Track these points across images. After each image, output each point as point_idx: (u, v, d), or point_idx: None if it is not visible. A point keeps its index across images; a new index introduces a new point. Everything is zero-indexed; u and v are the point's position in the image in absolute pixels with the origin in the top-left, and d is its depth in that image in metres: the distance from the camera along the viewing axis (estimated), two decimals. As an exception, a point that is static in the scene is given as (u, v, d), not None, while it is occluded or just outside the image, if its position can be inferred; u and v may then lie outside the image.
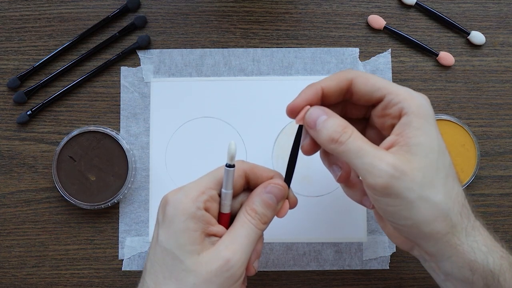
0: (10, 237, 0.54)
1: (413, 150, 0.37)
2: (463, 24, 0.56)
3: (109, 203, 0.53)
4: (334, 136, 0.38)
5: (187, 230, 0.37)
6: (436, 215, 0.36)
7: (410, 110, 0.37)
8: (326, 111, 0.39)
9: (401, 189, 0.36)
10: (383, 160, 0.36)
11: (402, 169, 0.36)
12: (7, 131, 0.55)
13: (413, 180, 0.36)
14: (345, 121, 0.39)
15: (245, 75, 0.56)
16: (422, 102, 0.38)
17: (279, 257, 0.54)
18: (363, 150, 0.37)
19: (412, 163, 0.36)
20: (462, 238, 0.37)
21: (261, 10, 0.56)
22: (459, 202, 0.38)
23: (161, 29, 0.56)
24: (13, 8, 0.56)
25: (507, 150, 0.55)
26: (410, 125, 0.37)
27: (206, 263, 0.37)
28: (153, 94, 0.55)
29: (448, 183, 0.37)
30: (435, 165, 0.37)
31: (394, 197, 0.36)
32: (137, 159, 0.55)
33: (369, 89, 0.39)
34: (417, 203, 0.36)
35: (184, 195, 0.38)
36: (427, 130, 0.37)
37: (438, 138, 0.38)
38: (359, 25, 0.56)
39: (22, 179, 0.55)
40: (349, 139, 0.37)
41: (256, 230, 0.39)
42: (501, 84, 0.56)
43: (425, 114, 0.38)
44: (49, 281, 0.54)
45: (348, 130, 0.38)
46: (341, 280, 0.54)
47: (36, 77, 0.56)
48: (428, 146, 0.37)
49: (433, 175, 0.37)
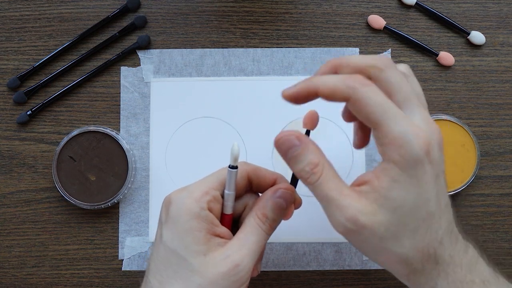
0: (10, 237, 0.54)
1: (382, 201, 0.35)
2: (463, 24, 0.56)
3: (109, 203, 0.53)
4: (303, 176, 0.37)
5: (192, 230, 0.37)
6: (395, 261, 0.36)
7: (391, 158, 0.34)
8: (302, 140, 0.37)
9: (359, 239, 0.36)
10: (345, 213, 0.35)
11: (362, 223, 0.34)
12: (7, 131, 0.55)
13: (373, 234, 0.35)
14: (318, 156, 0.37)
15: (245, 75, 0.56)
16: (413, 149, 0.34)
17: (279, 257, 0.54)
18: (327, 197, 0.35)
19: (377, 216, 0.35)
20: (421, 280, 0.37)
21: (261, 10, 0.56)
22: (426, 253, 0.36)
23: (161, 29, 0.56)
24: (13, 8, 0.56)
25: (507, 150, 0.55)
26: (387, 174, 0.35)
27: (214, 265, 0.37)
28: (153, 94, 0.55)
29: (416, 236, 0.35)
30: (402, 220, 0.35)
31: (354, 242, 0.37)
32: (137, 159, 0.55)
33: (363, 116, 0.35)
34: (375, 250, 0.36)
35: (187, 195, 0.38)
36: (405, 184, 0.34)
37: (421, 191, 0.35)
38: (359, 25, 0.56)
39: (22, 179, 0.55)
40: (316, 182, 0.36)
41: (265, 235, 0.40)
42: (501, 84, 0.56)
43: (409, 166, 0.34)
44: (49, 281, 0.54)
45: (318, 171, 0.36)
46: (341, 280, 0.54)
47: (36, 77, 0.56)
48: (399, 202, 0.35)
49: (398, 229, 0.35)
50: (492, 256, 0.54)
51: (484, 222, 0.54)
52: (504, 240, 0.54)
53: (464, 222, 0.54)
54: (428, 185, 0.35)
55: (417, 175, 0.34)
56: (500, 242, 0.54)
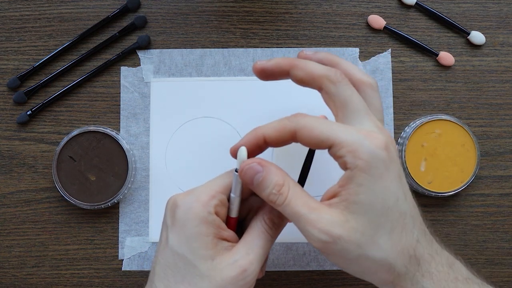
0: (10, 237, 0.54)
1: (351, 208, 0.36)
2: (463, 24, 0.56)
3: (109, 203, 0.53)
4: (271, 198, 0.37)
5: (200, 235, 0.37)
6: (377, 269, 0.36)
7: (354, 164, 0.35)
8: (263, 164, 0.38)
9: (337, 251, 0.36)
10: (316, 227, 0.35)
11: (336, 234, 0.35)
12: (7, 131, 0.55)
13: (349, 241, 0.35)
14: (282, 177, 0.38)
15: (245, 75, 0.56)
16: (369, 154, 0.35)
17: (279, 257, 0.54)
18: (297, 214, 0.36)
19: (349, 222, 0.35)
20: (407, 285, 0.37)
21: (261, 10, 0.56)
22: (406, 255, 0.36)
23: (161, 29, 0.56)
24: (13, 8, 0.56)
25: (507, 150, 0.55)
26: (352, 181, 0.36)
27: (222, 270, 0.37)
28: (153, 94, 0.55)
29: (393, 237, 0.36)
30: (376, 222, 0.36)
31: (333, 255, 0.37)
32: (137, 159, 0.55)
33: (314, 141, 0.37)
34: (356, 261, 0.36)
35: (195, 199, 0.38)
36: (370, 186, 0.35)
37: (385, 193, 0.36)
38: (359, 25, 0.56)
39: (22, 179, 0.55)
40: (284, 202, 0.37)
41: (271, 240, 0.40)
42: (501, 84, 0.56)
43: (370, 168, 0.35)
44: (49, 281, 0.54)
45: (284, 190, 0.37)
46: (341, 280, 0.54)
47: (36, 77, 0.56)
48: (368, 204, 0.35)
49: (374, 232, 0.36)
50: (492, 256, 0.54)
51: (484, 222, 0.54)
52: (504, 240, 0.54)
53: (464, 222, 0.54)
54: (394, 183, 0.36)
55: (382, 175, 0.36)
56: (500, 242, 0.54)
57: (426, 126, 0.53)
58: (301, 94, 0.55)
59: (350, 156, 0.35)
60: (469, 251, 0.54)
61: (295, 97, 0.55)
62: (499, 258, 0.54)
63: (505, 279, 0.54)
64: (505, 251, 0.54)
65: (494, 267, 0.54)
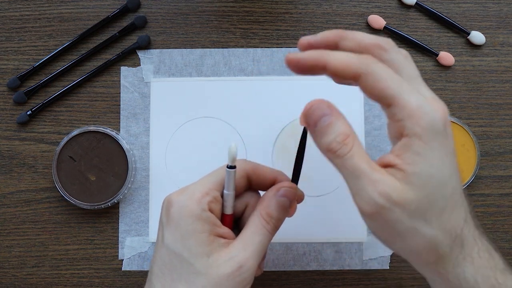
0: (10, 237, 0.54)
1: (409, 179, 0.33)
2: (463, 24, 0.56)
3: (109, 203, 0.53)
4: (333, 147, 0.34)
5: (195, 232, 0.37)
6: (422, 247, 0.35)
7: (411, 131, 0.33)
8: (332, 109, 0.35)
9: (390, 219, 0.34)
10: (377, 188, 0.33)
11: (394, 200, 0.33)
12: (7, 131, 0.55)
13: (404, 212, 0.33)
14: (349, 128, 0.35)
15: (245, 75, 0.56)
16: (430, 121, 0.33)
17: (279, 257, 0.54)
18: (358, 171, 0.34)
19: (406, 193, 0.33)
20: (448, 268, 0.35)
21: (261, 10, 0.56)
22: (453, 234, 0.35)
23: (161, 29, 0.56)
24: (13, 8, 0.56)
25: (507, 150, 0.55)
26: (409, 149, 0.33)
27: (218, 267, 0.37)
28: (153, 94, 0.55)
29: (444, 216, 0.34)
30: (432, 197, 0.34)
31: (382, 224, 0.34)
32: (137, 159, 0.55)
33: (376, 93, 0.34)
34: (405, 234, 0.34)
35: (188, 196, 0.38)
36: (428, 157, 0.33)
37: (443, 165, 0.34)
38: (359, 25, 0.56)
39: (22, 179, 0.55)
40: (347, 154, 0.34)
41: (269, 235, 0.39)
42: (501, 84, 0.56)
43: (430, 137, 0.33)
44: (49, 281, 0.54)
45: (349, 142, 0.34)
46: (341, 280, 0.54)
47: (36, 77, 0.56)
48: (426, 176, 0.33)
49: (428, 208, 0.34)
50: (492, 256, 0.54)
51: (484, 222, 0.54)
52: (504, 240, 0.54)
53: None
54: (448, 157, 0.34)
55: (439, 148, 0.34)
56: (500, 242, 0.54)
57: (426, 126, 0.53)
58: (301, 94, 0.55)
59: (412, 122, 0.33)
60: (469, 251, 0.54)
61: (295, 97, 0.55)
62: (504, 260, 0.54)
63: (505, 279, 0.54)
64: (505, 251, 0.54)
65: (494, 267, 0.54)
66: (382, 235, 0.36)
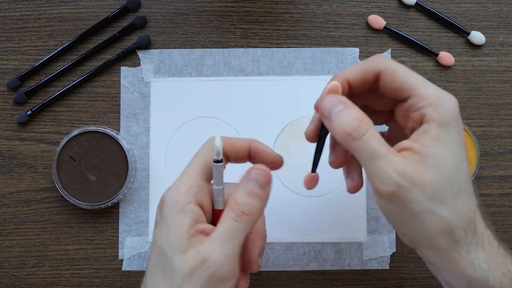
0: (10, 237, 0.54)
1: (426, 160, 0.35)
2: (463, 24, 0.56)
3: (109, 203, 0.53)
4: (348, 130, 0.35)
5: (176, 225, 0.36)
6: (438, 230, 0.35)
7: (432, 117, 0.36)
8: (343, 100, 0.37)
9: (407, 200, 0.35)
10: (395, 168, 0.34)
11: (412, 180, 0.34)
12: (7, 131, 0.55)
13: (421, 193, 0.34)
14: (363, 114, 0.36)
15: (245, 75, 0.56)
16: (448, 110, 0.36)
17: (279, 257, 0.54)
18: (376, 152, 0.35)
19: (423, 175, 0.35)
20: (463, 253, 0.36)
21: (261, 10, 0.56)
22: (467, 219, 0.36)
23: (161, 29, 0.56)
24: (13, 8, 0.56)
25: (507, 150, 0.55)
26: (428, 134, 0.35)
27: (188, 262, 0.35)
28: (153, 94, 0.55)
29: (458, 199, 0.36)
30: (447, 179, 0.35)
31: (399, 206, 0.35)
32: (137, 159, 0.55)
33: (396, 86, 0.37)
34: (422, 216, 0.35)
35: (175, 190, 0.37)
36: (445, 141, 0.35)
37: (457, 150, 0.36)
38: (359, 25, 0.56)
39: (22, 179, 0.55)
40: (364, 136, 0.35)
41: (237, 224, 0.36)
42: (501, 84, 0.56)
43: (447, 124, 0.36)
44: (49, 281, 0.54)
45: (364, 125, 0.35)
46: (341, 280, 0.54)
47: (36, 77, 0.56)
48: (442, 158, 0.35)
49: (444, 190, 0.35)
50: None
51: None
52: (504, 240, 0.54)
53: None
54: (461, 145, 0.36)
55: (454, 134, 0.36)
56: (500, 242, 0.54)
57: (426, 126, 0.53)
58: (301, 94, 0.55)
59: (431, 109, 0.36)
60: (469, 251, 0.54)
61: (295, 97, 0.55)
62: (499, 258, 0.54)
63: (505, 279, 0.54)
64: (505, 251, 0.54)
65: (494, 267, 0.54)
66: (399, 219, 0.37)
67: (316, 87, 0.55)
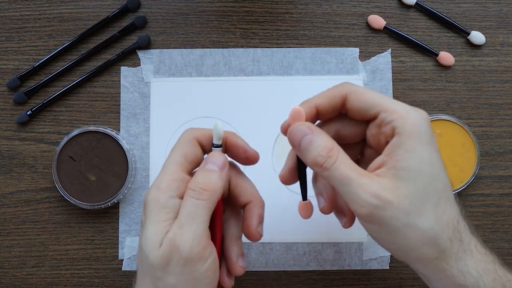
0: (10, 237, 0.54)
1: (400, 174, 0.35)
2: (463, 24, 0.56)
3: (109, 203, 0.53)
4: (319, 161, 0.36)
5: (159, 221, 0.36)
6: (423, 242, 0.36)
7: (402, 130, 0.36)
8: (312, 128, 0.38)
9: (385, 218, 0.35)
10: (367, 190, 0.35)
11: (386, 199, 0.35)
12: (7, 131, 0.55)
13: (398, 208, 0.35)
14: (331, 141, 0.37)
15: (245, 75, 0.56)
16: (417, 121, 0.36)
17: (279, 257, 0.54)
18: (347, 178, 0.36)
19: (398, 189, 0.35)
20: (451, 262, 0.36)
21: (261, 10, 0.56)
22: (451, 227, 0.36)
23: (161, 29, 0.56)
24: (13, 8, 0.56)
25: (507, 150, 0.55)
26: (400, 147, 0.36)
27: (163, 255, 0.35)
28: (153, 94, 0.55)
29: (439, 208, 0.36)
30: (424, 190, 0.35)
31: (380, 224, 0.36)
32: (137, 159, 0.55)
33: (363, 105, 0.38)
34: (403, 231, 0.35)
35: (156, 189, 0.37)
36: (418, 153, 0.36)
37: (431, 160, 0.36)
38: (359, 25, 0.56)
39: (22, 179, 0.55)
40: (334, 165, 0.36)
41: (199, 202, 0.36)
42: (501, 84, 0.56)
43: (419, 134, 0.36)
44: (49, 281, 0.54)
45: (334, 154, 0.36)
46: (341, 280, 0.54)
47: (36, 77, 0.56)
48: (417, 170, 0.35)
49: (422, 201, 0.35)
50: (492, 256, 0.54)
51: (484, 222, 0.54)
52: (504, 240, 0.54)
53: (464, 222, 0.54)
54: (435, 155, 0.36)
55: (426, 145, 0.36)
56: (500, 242, 0.54)
57: (426, 126, 0.53)
58: (301, 95, 0.55)
59: (401, 121, 0.36)
60: (469, 251, 0.54)
61: (295, 97, 0.55)
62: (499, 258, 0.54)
63: (505, 279, 0.54)
64: (505, 251, 0.54)
65: (494, 267, 0.54)
66: (384, 237, 0.37)
67: (316, 87, 0.55)
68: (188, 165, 0.39)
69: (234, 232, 0.41)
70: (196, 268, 0.35)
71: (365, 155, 0.42)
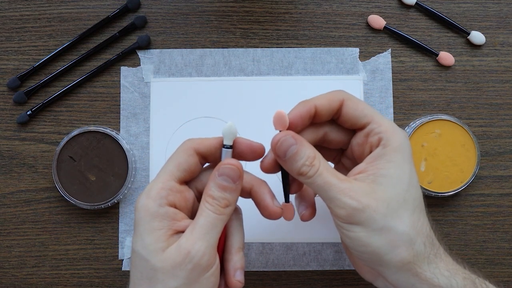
0: (10, 237, 0.54)
1: (379, 180, 0.38)
2: (463, 24, 0.56)
3: (109, 203, 0.53)
4: (303, 171, 0.39)
5: (153, 230, 0.37)
6: (398, 244, 0.38)
7: (388, 142, 0.39)
8: (296, 138, 0.39)
9: (363, 219, 0.37)
10: (347, 194, 0.37)
11: (365, 202, 0.37)
12: (7, 131, 0.55)
13: (376, 211, 0.37)
14: (314, 151, 0.39)
15: (245, 75, 0.56)
16: (403, 139, 0.39)
17: (279, 257, 0.54)
18: (328, 184, 0.38)
19: (376, 193, 0.38)
20: (424, 266, 0.38)
21: (261, 10, 0.56)
22: (424, 233, 0.39)
23: (161, 29, 0.56)
24: (13, 8, 0.56)
25: (507, 150, 0.55)
26: (383, 157, 0.39)
27: (170, 258, 0.37)
28: (153, 94, 0.55)
29: (415, 215, 0.38)
30: (402, 196, 0.38)
31: (357, 225, 0.38)
32: (137, 159, 0.55)
33: (357, 113, 0.41)
34: (379, 232, 0.37)
35: (145, 196, 0.39)
36: (399, 164, 0.39)
37: (411, 173, 0.39)
38: (359, 25, 0.56)
39: (22, 179, 0.55)
40: (316, 173, 0.38)
41: (216, 216, 0.38)
42: (501, 84, 0.56)
43: (403, 150, 0.39)
44: (49, 281, 0.54)
45: (316, 162, 0.39)
46: (341, 280, 0.54)
47: (36, 77, 0.56)
48: (396, 178, 0.38)
49: (399, 206, 0.38)
50: (492, 256, 0.54)
51: (484, 222, 0.54)
52: (504, 240, 0.54)
53: (464, 222, 0.54)
54: (413, 170, 0.40)
55: (408, 160, 0.39)
56: (500, 242, 0.54)
57: (426, 126, 0.53)
58: (301, 94, 0.55)
59: (388, 135, 0.39)
60: (469, 251, 0.54)
61: (295, 97, 0.55)
62: (499, 258, 0.54)
63: (505, 279, 0.54)
64: (505, 251, 0.54)
65: (494, 267, 0.54)
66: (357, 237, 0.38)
67: (316, 87, 0.56)
68: (180, 174, 0.40)
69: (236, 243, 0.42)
70: (202, 273, 0.37)
71: (341, 163, 0.45)
